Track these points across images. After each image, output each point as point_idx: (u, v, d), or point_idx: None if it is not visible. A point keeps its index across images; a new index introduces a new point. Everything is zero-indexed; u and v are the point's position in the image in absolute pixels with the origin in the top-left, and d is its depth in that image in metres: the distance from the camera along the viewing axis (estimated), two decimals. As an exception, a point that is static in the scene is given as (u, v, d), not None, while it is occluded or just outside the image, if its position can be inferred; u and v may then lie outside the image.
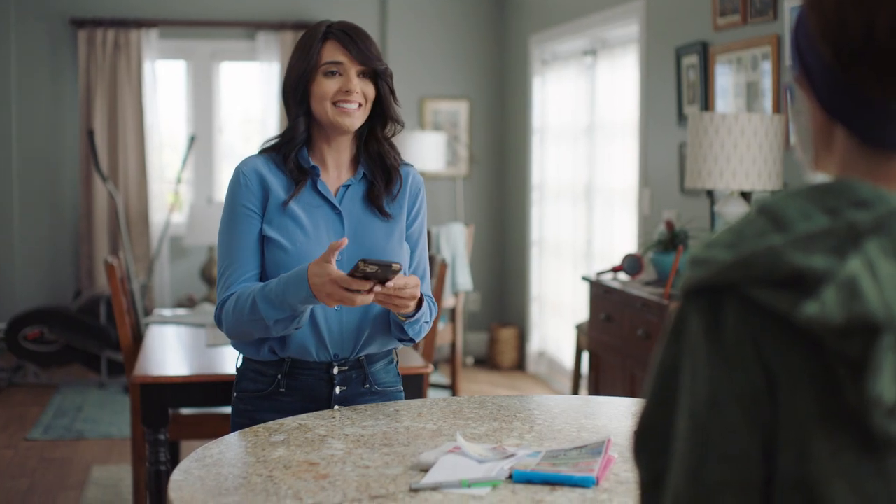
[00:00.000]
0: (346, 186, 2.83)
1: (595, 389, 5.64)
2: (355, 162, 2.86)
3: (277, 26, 8.65)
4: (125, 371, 4.89)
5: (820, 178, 1.16)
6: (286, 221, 2.76)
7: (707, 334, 1.09)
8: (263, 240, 2.77)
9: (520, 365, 8.66)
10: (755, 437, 1.07)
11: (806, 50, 1.16)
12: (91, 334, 7.65)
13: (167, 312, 5.33)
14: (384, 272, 2.47)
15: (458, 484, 2.08)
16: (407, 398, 3.99)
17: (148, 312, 7.75)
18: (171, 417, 4.19)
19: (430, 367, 4.17)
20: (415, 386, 4.14)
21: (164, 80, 8.87)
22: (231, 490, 2.06)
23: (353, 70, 2.76)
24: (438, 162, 8.29)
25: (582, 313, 7.40)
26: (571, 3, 7.56)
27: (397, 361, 2.99)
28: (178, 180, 8.46)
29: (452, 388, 7.19)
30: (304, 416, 2.61)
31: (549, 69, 8.22)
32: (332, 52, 2.77)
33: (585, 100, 7.54)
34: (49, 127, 8.59)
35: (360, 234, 2.79)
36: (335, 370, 2.80)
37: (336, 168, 2.85)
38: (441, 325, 7.13)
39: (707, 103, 5.55)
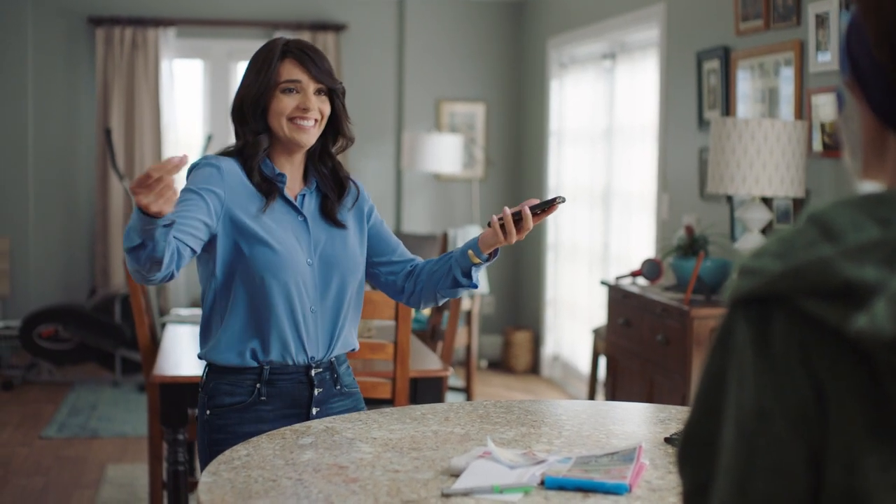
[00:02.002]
0: (303, 195, 2.91)
1: (612, 394, 5.62)
2: (306, 174, 2.95)
3: (294, 26, 8.64)
4: (143, 370, 4.88)
5: (869, 186, 1.14)
6: (263, 226, 2.80)
7: (755, 345, 1.08)
8: (239, 239, 2.77)
9: (534, 368, 8.64)
10: (802, 450, 1.06)
11: (859, 55, 1.14)
12: (105, 333, 7.64)
13: (184, 312, 5.32)
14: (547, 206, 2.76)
15: (490, 489, 2.06)
16: (426, 402, 4.00)
17: (163, 312, 7.74)
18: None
19: (450, 370, 4.16)
20: (434, 389, 4.13)
21: (181, 78, 8.87)
22: (261, 493, 2.05)
23: (311, 88, 2.85)
24: (455, 164, 8.27)
25: (598, 317, 7.38)
26: (590, 7, 7.54)
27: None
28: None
29: (467, 391, 7.17)
30: (330, 418, 2.60)
31: (566, 72, 8.20)
32: (290, 70, 2.83)
33: (604, 103, 7.52)
34: (66, 124, 8.59)
35: (318, 240, 2.88)
36: (313, 372, 2.85)
37: (291, 180, 2.92)
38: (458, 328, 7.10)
39: (728, 108, 5.52)
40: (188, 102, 8.96)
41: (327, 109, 2.88)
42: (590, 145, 7.76)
